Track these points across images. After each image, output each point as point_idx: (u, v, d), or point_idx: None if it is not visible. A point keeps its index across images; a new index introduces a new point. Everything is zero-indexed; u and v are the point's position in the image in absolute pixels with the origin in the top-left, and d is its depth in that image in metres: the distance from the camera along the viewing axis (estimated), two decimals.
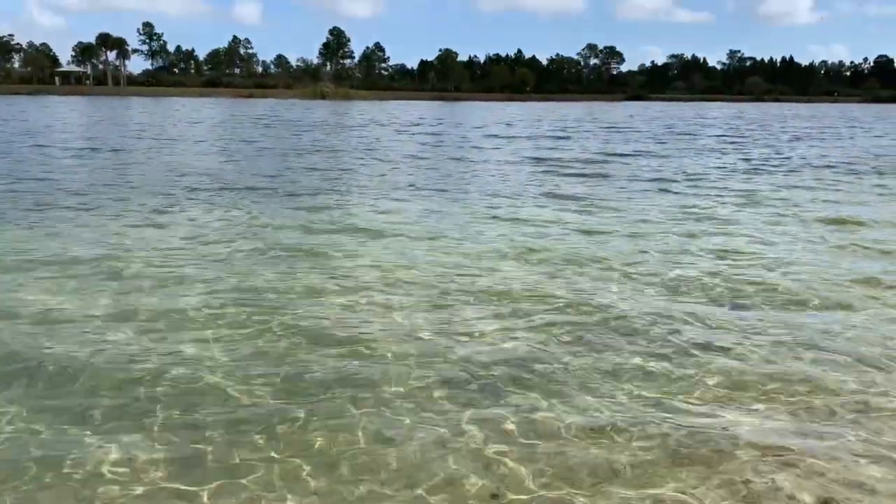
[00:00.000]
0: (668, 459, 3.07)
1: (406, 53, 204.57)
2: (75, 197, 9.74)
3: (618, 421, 3.44)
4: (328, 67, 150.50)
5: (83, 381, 3.82)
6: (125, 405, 3.58)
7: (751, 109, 79.07)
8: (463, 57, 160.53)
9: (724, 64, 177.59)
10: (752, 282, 5.84)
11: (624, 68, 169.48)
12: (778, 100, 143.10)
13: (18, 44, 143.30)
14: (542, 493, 2.85)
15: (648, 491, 2.85)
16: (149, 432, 3.32)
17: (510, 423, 3.44)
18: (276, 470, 3.02)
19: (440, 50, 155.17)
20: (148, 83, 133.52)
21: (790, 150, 20.53)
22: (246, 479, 2.94)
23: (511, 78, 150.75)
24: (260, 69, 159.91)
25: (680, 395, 3.72)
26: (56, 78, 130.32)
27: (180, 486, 2.90)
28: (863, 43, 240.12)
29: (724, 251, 6.93)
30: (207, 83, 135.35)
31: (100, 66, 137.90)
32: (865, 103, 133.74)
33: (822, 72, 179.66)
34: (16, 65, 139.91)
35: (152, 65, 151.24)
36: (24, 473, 2.96)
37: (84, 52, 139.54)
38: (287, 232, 7.67)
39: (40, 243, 6.84)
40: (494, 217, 8.70)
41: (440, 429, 3.38)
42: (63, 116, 34.85)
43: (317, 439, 3.31)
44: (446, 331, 4.70)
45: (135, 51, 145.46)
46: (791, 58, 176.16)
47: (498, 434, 3.33)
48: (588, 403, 3.63)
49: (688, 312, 5.08)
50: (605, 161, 16.07)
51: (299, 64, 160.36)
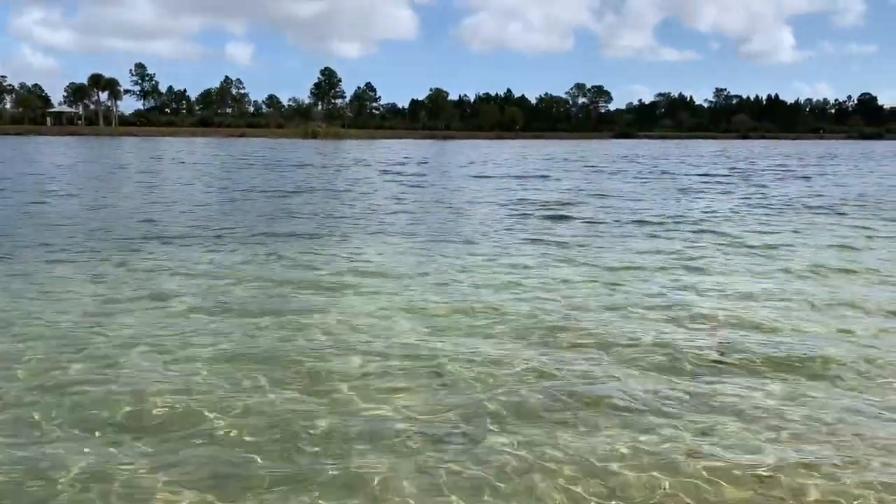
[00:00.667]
0: None
1: (397, 93, 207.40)
2: (39, 247, 9.22)
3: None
4: (319, 107, 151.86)
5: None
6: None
7: (737, 147, 79.80)
8: (453, 96, 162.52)
9: (711, 102, 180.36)
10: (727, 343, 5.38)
11: (612, 107, 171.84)
12: (764, 137, 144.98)
13: (11, 85, 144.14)
14: None
15: None
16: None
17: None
18: None
19: (431, 89, 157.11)
20: (139, 123, 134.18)
21: (774, 190, 20.30)
22: None
23: (501, 117, 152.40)
24: (252, 109, 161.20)
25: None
26: (48, 118, 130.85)
27: None
28: (845, 81, 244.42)
29: (695, 310, 6.49)
30: (199, 123, 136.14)
31: (91, 107, 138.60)
32: (851, 140, 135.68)
33: (808, 109, 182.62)
34: (7, 106, 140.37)
35: (144, 105, 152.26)
36: None
37: (76, 93, 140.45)
38: (254, 283, 7.17)
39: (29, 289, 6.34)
40: (463, 268, 8.24)
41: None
42: (44, 157, 34.52)
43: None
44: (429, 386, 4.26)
45: (127, 91, 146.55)
46: (776, 95, 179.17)
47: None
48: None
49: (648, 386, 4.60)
50: (585, 202, 15.72)
51: (291, 104, 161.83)
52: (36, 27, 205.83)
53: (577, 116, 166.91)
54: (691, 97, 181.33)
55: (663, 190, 19.39)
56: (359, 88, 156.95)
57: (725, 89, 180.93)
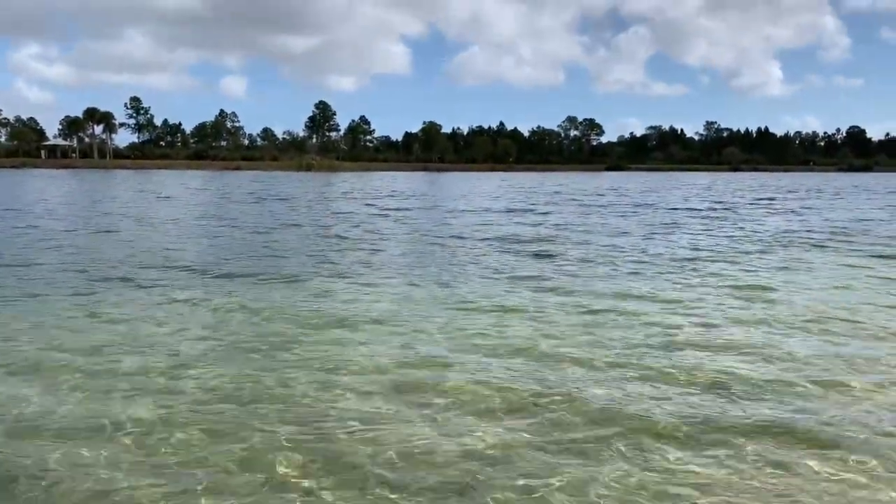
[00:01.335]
0: None
1: (391, 126, 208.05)
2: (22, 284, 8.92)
3: None
4: (314, 140, 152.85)
5: None
6: None
7: (727, 179, 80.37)
8: (446, 129, 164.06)
9: (702, 135, 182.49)
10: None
11: (604, 139, 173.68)
12: (756, 169, 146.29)
13: (6, 118, 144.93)
14: None
15: None
16: None
17: None
18: None
19: (424, 122, 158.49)
20: (134, 156, 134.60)
21: (763, 224, 20.20)
22: None
23: (493, 149, 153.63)
24: (246, 142, 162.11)
25: None
26: (42, 151, 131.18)
27: None
28: (833, 113, 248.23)
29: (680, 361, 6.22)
30: (194, 156, 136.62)
31: (86, 140, 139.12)
32: (841, 172, 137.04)
33: (797, 142, 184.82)
34: (2, 139, 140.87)
35: (139, 138, 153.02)
36: None
37: (71, 126, 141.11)
38: (233, 323, 6.87)
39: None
40: (446, 305, 7.97)
41: None
42: (35, 190, 34.33)
43: None
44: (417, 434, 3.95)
45: (122, 124, 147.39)
46: (766, 128, 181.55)
47: None
48: None
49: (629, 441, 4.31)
50: (569, 238, 15.53)
51: (285, 136, 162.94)
52: (32, 61, 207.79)
53: (570, 149, 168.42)
54: (682, 130, 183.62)
55: (650, 225, 19.25)
56: (353, 121, 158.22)
57: (716, 122, 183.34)
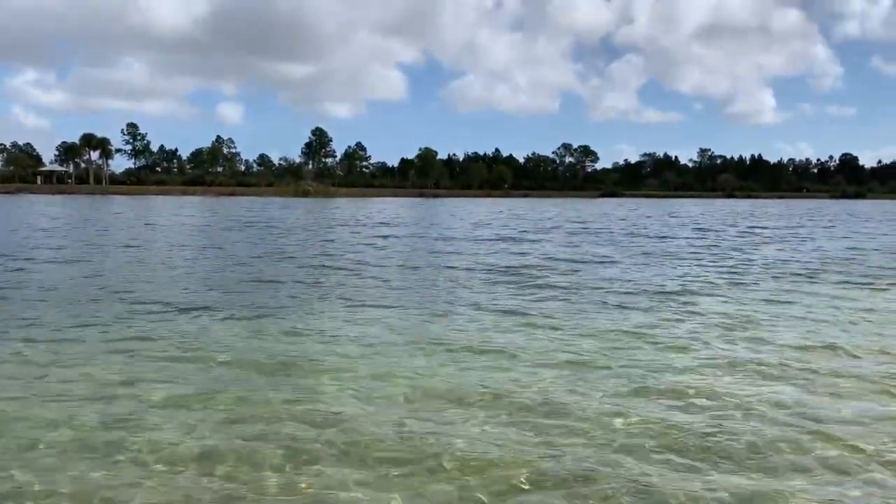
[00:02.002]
0: None
1: (387, 152, 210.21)
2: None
3: None
4: (310, 166, 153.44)
5: None
6: None
7: (721, 206, 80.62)
8: (442, 155, 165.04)
9: (696, 162, 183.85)
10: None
11: (598, 166, 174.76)
12: (750, 196, 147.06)
13: (2, 144, 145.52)
14: None
15: None
16: None
17: None
18: None
19: (420, 149, 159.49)
20: (130, 182, 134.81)
21: (756, 254, 20.08)
22: None
23: (489, 175, 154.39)
24: (243, 168, 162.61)
25: None
26: (38, 177, 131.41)
27: None
28: (826, 141, 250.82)
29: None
30: (190, 182, 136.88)
31: (83, 166, 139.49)
32: (834, 199, 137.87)
33: (791, 169, 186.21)
34: None
35: (135, 164, 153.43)
36: None
37: (67, 152, 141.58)
38: (215, 360, 6.62)
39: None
40: (430, 343, 7.73)
41: None
42: (15, 216, 34.07)
43: None
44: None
45: (118, 150, 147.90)
46: (760, 155, 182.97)
47: None
48: None
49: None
50: (559, 268, 15.35)
51: (282, 162, 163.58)
52: (29, 87, 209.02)
53: (565, 175, 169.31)
54: (676, 157, 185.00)
55: (642, 255, 19.09)
56: (349, 148, 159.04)
57: (709, 149, 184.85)
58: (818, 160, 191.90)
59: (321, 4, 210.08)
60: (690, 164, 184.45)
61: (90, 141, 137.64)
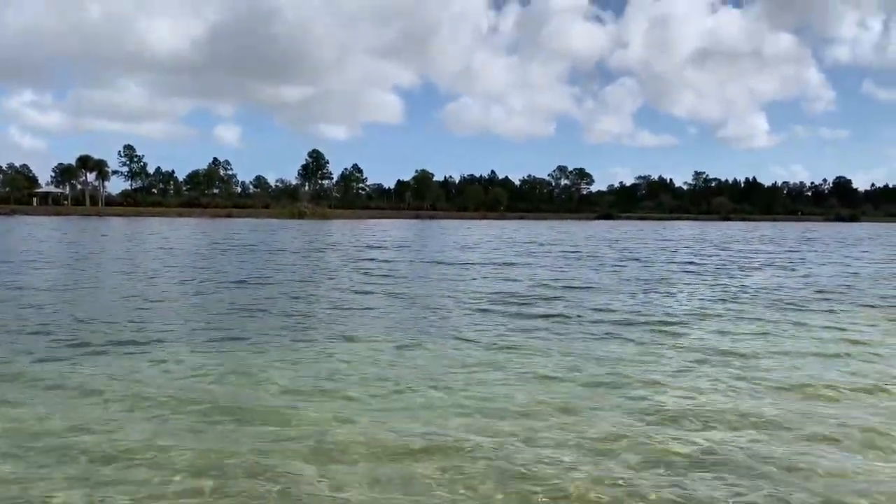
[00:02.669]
0: None
1: (383, 174, 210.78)
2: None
3: None
4: (307, 187, 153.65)
5: None
6: None
7: (716, 229, 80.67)
8: (439, 177, 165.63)
9: (690, 184, 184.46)
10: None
11: (594, 188, 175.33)
12: (745, 219, 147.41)
13: None
14: None
15: None
16: None
17: None
18: None
19: (416, 170, 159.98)
20: (126, 203, 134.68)
21: (751, 279, 19.91)
22: None
23: (485, 197, 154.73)
24: (239, 189, 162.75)
25: None
26: (34, 199, 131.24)
27: None
28: (819, 164, 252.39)
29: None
30: (186, 203, 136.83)
31: (79, 187, 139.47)
32: (828, 222, 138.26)
33: (785, 192, 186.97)
34: None
35: (131, 185, 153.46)
36: None
37: (64, 174, 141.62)
38: (188, 392, 6.34)
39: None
40: (411, 381, 7.48)
41: None
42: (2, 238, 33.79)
43: None
44: None
45: (115, 172, 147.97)
46: (754, 178, 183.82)
47: None
48: None
49: None
50: (549, 295, 15.13)
51: (278, 184, 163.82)
52: (25, 109, 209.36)
53: (560, 197, 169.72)
54: (671, 180, 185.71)
55: (635, 281, 18.87)
56: (346, 170, 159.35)
57: (704, 172, 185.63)
58: (812, 183, 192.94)
59: (318, 28, 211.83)
60: (685, 187, 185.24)
61: (87, 162, 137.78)
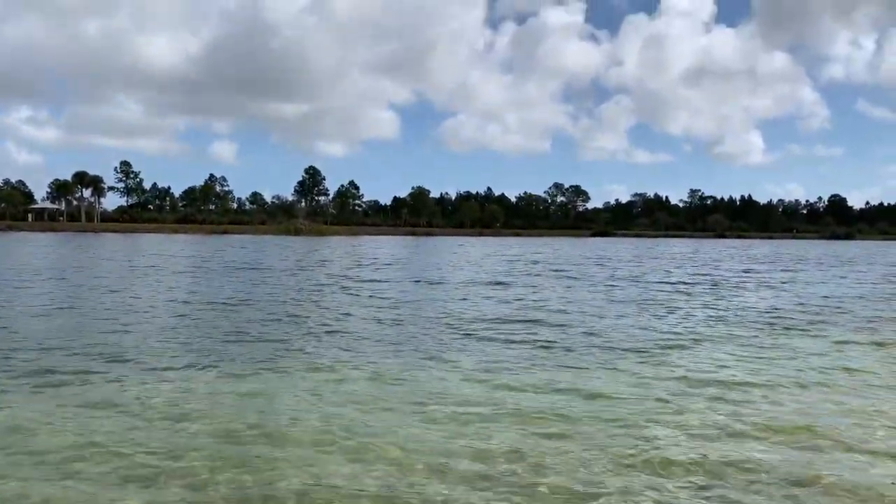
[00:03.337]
0: None
1: (379, 190, 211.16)
2: None
3: None
4: (303, 204, 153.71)
5: None
6: None
7: (712, 247, 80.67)
8: (435, 193, 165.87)
9: (686, 202, 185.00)
10: None
11: (590, 205, 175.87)
12: (740, 236, 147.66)
13: None
14: None
15: None
16: None
17: None
18: None
19: (413, 187, 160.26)
20: (122, 219, 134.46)
21: (746, 299, 19.76)
22: None
23: (481, 214, 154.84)
24: (235, 205, 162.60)
25: None
26: (29, 215, 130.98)
27: None
28: (815, 182, 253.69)
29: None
30: (182, 219, 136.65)
31: (74, 203, 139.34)
32: (824, 240, 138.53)
33: (780, 210, 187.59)
34: None
35: (128, 201, 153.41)
36: None
37: (59, 189, 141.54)
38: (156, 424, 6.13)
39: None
40: (393, 404, 7.27)
41: None
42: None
43: None
44: None
45: (111, 188, 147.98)
46: (750, 196, 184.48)
47: None
48: None
49: None
50: (539, 318, 14.95)
51: (274, 200, 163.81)
52: (22, 124, 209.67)
53: (557, 214, 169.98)
54: (667, 197, 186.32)
55: (628, 302, 18.67)
56: (342, 186, 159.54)
57: (700, 190, 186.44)
58: (807, 201, 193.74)
59: (314, 45, 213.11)
60: (681, 205, 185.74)
61: (83, 178, 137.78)
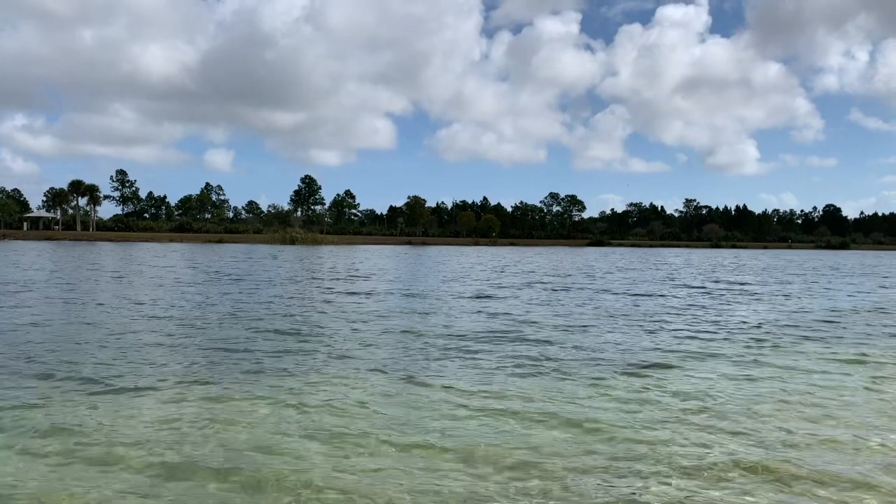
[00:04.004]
0: None
1: (376, 199, 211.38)
2: None
3: None
4: (299, 213, 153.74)
5: None
6: None
7: (706, 256, 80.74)
8: (431, 203, 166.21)
9: (682, 211, 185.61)
10: None
11: (585, 215, 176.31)
12: (735, 246, 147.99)
13: None
14: None
15: None
16: None
17: None
18: None
19: (409, 196, 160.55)
20: (118, 228, 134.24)
21: (739, 313, 19.74)
22: None
23: (477, 223, 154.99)
24: (231, 214, 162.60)
25: None
26: (24, 223, 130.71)
27: None
28: (809, 192, 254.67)
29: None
30: (177, 228, 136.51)
31: (70, 212, 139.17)
32: (819, 249, 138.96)
33: (775, 219, 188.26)
34: None
35: (123, 210, 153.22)
36: None
37: (55, 198, 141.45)
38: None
39: None
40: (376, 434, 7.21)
41: None
42: None
43: None
44: None
45: (107, 197, 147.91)
46: (744, 206, 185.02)
47: None
48: None
49: None
50: (525, 335, 14.92)
51: (270, 209, 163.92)
52: (17, 133, 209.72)
53: (552, 224, 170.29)
54: (662, 207, 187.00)
55: (619, 317, 18.65)
56: (338, 195, 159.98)
57: (695, 200, 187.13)
58: (802, 211, 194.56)
59: (311, 54, 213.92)
60: (676, 214, 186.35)
61: (78, 187, 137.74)
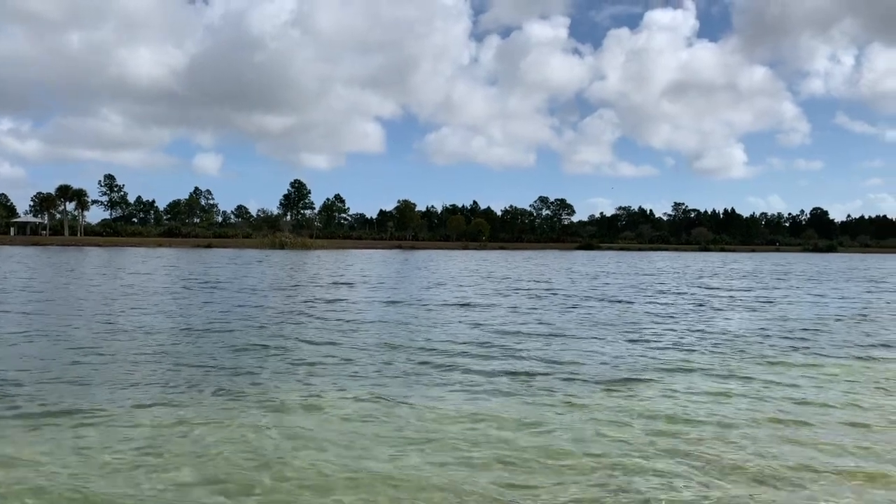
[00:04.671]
0: None
1: (365, 203, 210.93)
2: None
3: None
4: (288, 217, 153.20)
5: None
6: None
7: (694, 260, 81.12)
8: (421, 207, 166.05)
9: (670, 215, 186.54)
10: None
11: (575, 218, 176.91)
12: (723, 249, 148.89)
13: None
14: None
15: None
16: None
17: None
18: None
19: (399, 200, 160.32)
20: (106, 233, 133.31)
21: (731, 320, 19.84)
22: None
23: (467, 227, 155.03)
24: (220, 219, 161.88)
25: None
26: (11, 228, 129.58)
27: None
28: (796, 195, 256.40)
29: None
30: (166, 233, 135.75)
31: (58, 217, 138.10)
32: (806, 252, 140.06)
33: (763, 223, 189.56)
34: None
35: (111, 215, 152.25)
36: None
37: (42, 203, 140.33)
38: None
39: None
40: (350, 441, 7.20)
41: None
42: None
43: None
44: None
45: (95, 201, 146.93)
46: (732, 209, 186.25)
47: None
48: None
49: None
50: (506, 345, 14.94)
51: (260, 213, 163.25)
52: (3, 136, 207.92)
53: (542, 227, 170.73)
54: (651, 211, 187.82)
55: (605, 325, 18.64)
56: (328, 199, 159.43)
57: (683, 203, 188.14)
58: (789, 214, 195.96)
59: (299, 58, 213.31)
60: (665, 218, 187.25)
61: (66, 192, 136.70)
